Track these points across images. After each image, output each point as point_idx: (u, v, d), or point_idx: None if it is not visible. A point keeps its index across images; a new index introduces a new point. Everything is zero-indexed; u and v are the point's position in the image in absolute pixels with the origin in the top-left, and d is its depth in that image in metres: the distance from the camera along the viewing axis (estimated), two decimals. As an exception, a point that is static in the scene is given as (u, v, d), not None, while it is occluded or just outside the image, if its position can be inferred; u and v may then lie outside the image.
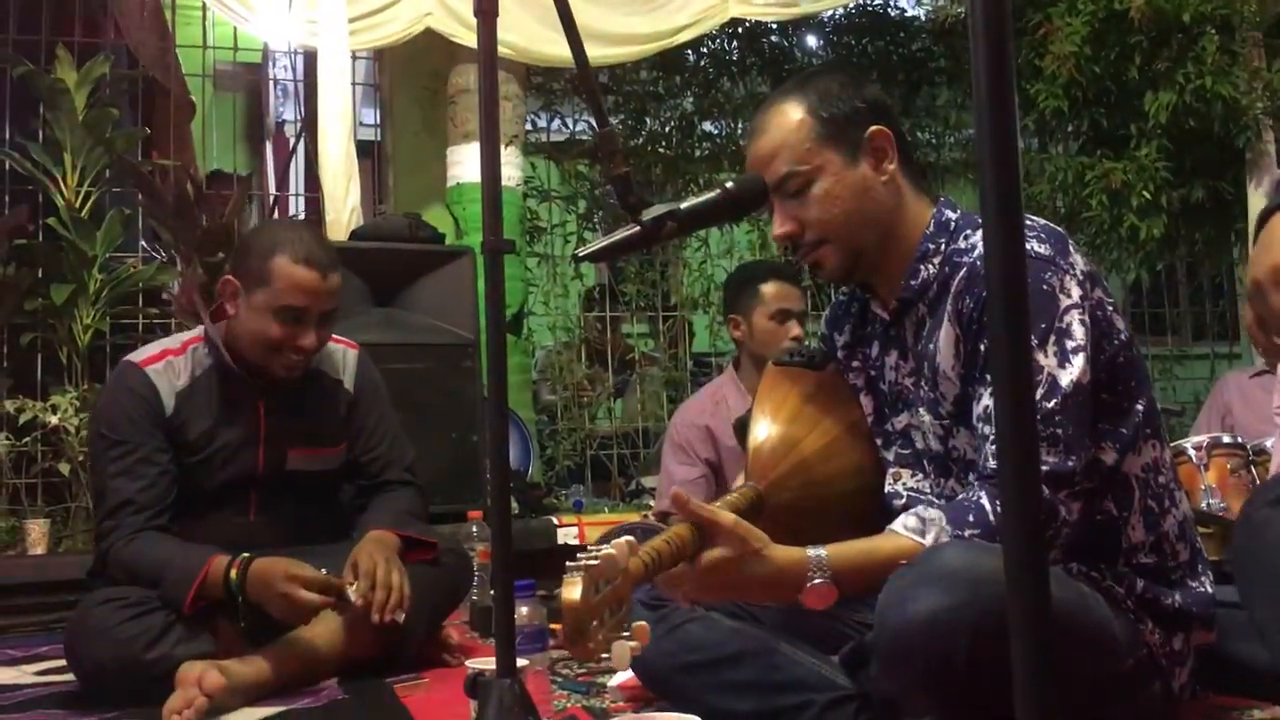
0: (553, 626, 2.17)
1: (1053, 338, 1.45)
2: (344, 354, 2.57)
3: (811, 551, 1.42)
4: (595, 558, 1.18)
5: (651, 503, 4.16)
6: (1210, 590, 1.58)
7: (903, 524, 1.47)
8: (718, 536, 1.39)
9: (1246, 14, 4.85)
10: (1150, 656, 1.49)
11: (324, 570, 2.18)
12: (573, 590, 1.16)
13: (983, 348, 1.50)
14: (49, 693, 2.30)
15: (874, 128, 1.61)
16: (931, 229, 1.62)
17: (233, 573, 2.14)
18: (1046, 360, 1.44)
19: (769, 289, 3.16)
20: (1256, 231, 1.22)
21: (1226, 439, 2.83)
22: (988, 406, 1.48)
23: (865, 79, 1.75)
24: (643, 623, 1.21)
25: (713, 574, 1.38)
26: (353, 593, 2.17)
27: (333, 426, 2.51)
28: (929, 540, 1.44)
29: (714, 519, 1.39)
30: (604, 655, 1.19)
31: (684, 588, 1.42)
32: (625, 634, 1.21)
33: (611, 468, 5.12)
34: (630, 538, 1.26)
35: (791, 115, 1.62)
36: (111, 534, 2.24)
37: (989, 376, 1.48)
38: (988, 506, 1.43)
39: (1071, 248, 1.53)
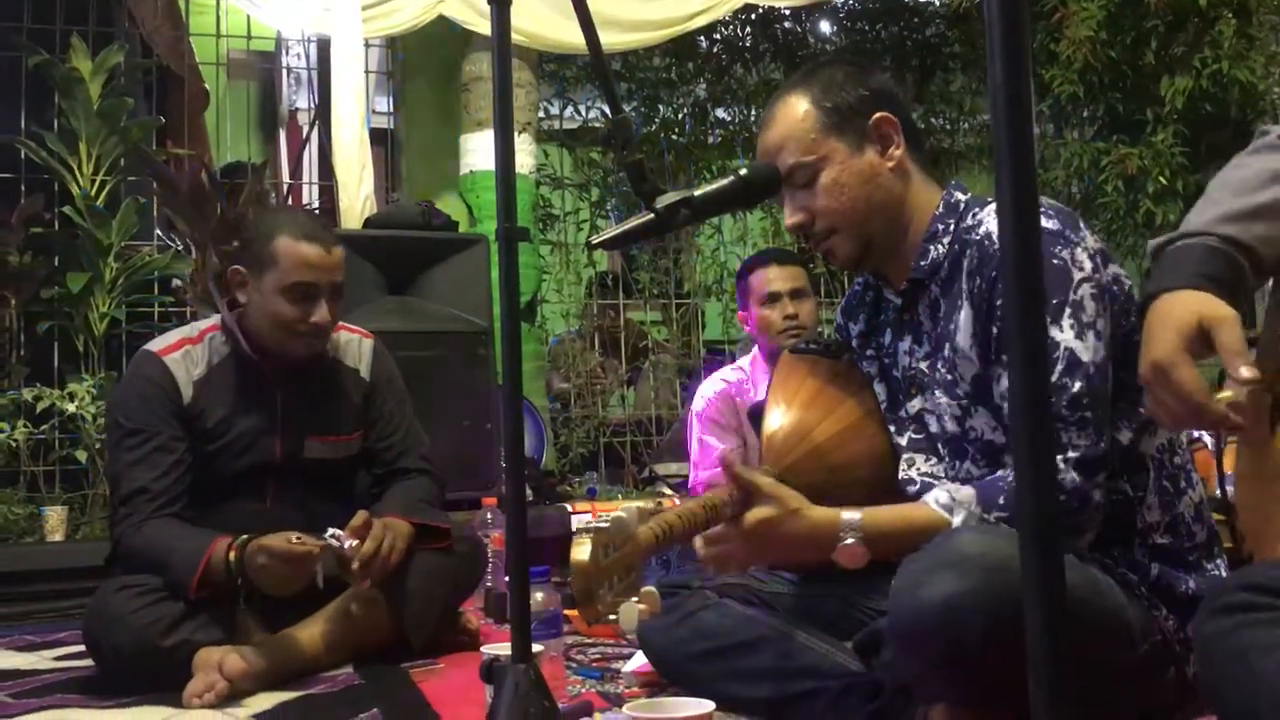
0: (567, 613, 2.18)
1: (1068, 310, 1.45)
2: (360, 343, 2.59)
3: (846, 514, 1.50)
4: (605, 521, 1.20)
5: (666, 490, 4.17)
6: (1224, 579, 1.57)
7: (935, 498, 1.51)
8: (760, 497, 1.49)
9: (1264, -2, 4.81)
10: (1164, 643, 1.49)
11: (330, 530, 2.19)
12: (581, 551, 1.18)
13: (995, 330, 1.50)
14: (68, 678, 2.31)
15: (878, 115, 1.62)
16: (941, 210, 1.63)
17: (231, 555, 2.14)
18: (1064, 335, 1.44)
19: (756, 277, 3.19)
20: (1140, 312, 1.26)
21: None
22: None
23: (872, 67, 1.75)
24: (652, 589, 1.23)
25: (755, 532, 1.49)
26: (344, 544, 2.16)
27: (349, 414, 2.53)
28: (957, 520, 1.46)
29: (755, 480, 1.50)
30: (612, 617, 1.21)
31: (727, 548, 1.51)
32: (634, 599, 1.23)
33: (625, 455, 5.12)
34: (641, 503, 1.29)
35: (797, 107, 1.64)
36: (124, 521, 2.26)
37: (1005, 356, 1.49)
38: None
39: (1082, 225, 1.53)
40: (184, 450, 2.33)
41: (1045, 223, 1.50)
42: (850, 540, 1.48)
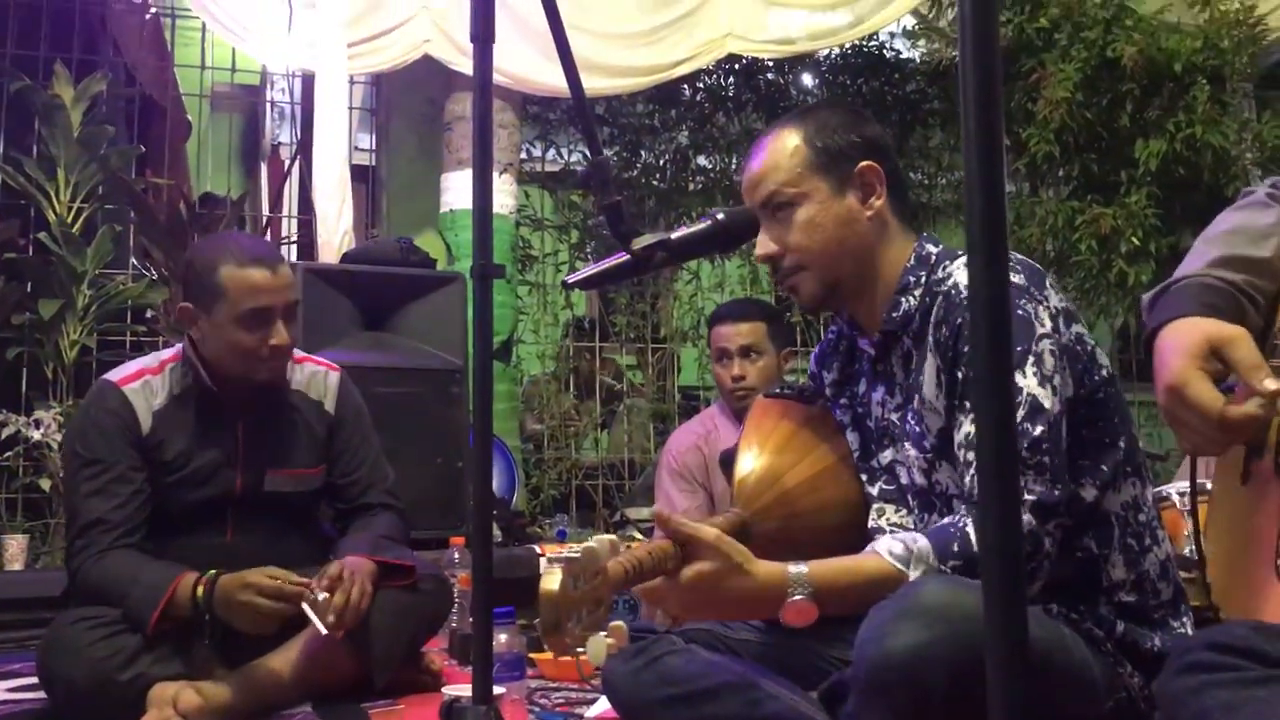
0: (532, 656, 2.16)
1: (1031, 359, 1.46)
2: (326, 376, 2.55)
3: (793, 568, 1.43)
4: (575, 551, 1.19)
5: (636, 534, 4.14)
6: (1191, 634, 1.57)
7: (888, 549, 1.46)
8: (701, 551, 1.41)
9: (1237, 65, 4.91)
10: (1129, 700, 1.48)
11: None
12: (551, 581, 1.16)
13: (960, 375, 1.51)
14: (20, 710, 2.27)
15: (865, 163, 1.63)
16: (912, 262, 1.64)
17: (199, 590, 2.11)
18: (1026, 381, 1.45)
19: (713, 332, 3.21)
20: (1146, 349, 1.26)
21: (1210, 485, 2.79)
22: (969, 434, 1.49)
23: (867, 116, 1.77)
24: (620, 623, 1.22)
25: (695, 588, 1.40)
26: (317, 595, 2.14)
27: (312, 448, 2.49)
28: (914, 574, 1.43)
29: (696, 534, 1.41)
30: (580, 650, 1.20)
31: (665, 603, 1.43)
32: (603, 632, 1.22)
33: (596, 498, 5.10)
34: (613, 536, 1.27)
35: (788, 141, 1.65)
36: (81, 553, 2.22)
37: (968, 404, 1.48)
38: (972, 536, 1.43)
39: (1047, 283, 1.54)
40: (142, 481, 2.29)
41: (1012, 277, 1.51)
42: (799, 596, 1.42)
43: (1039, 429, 1.43)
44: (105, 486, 2.25)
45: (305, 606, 2.12)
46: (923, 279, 1.62)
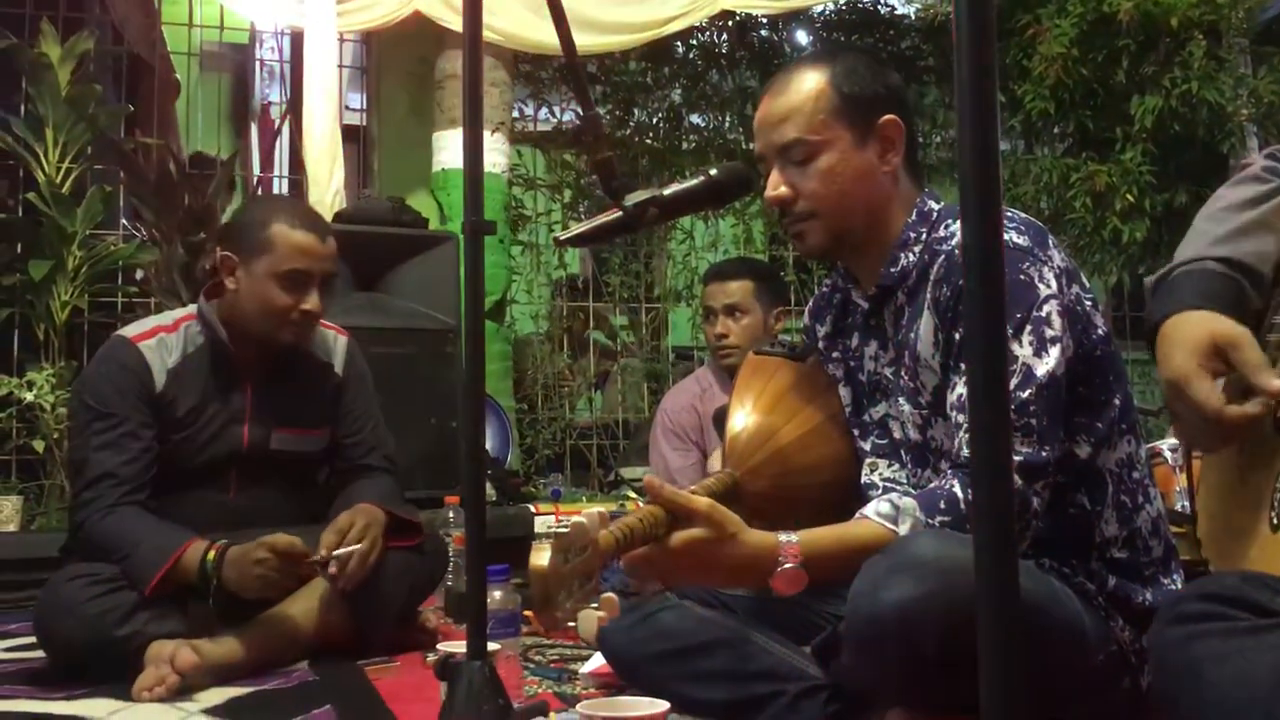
0: (525, 613, 2.17)
1: (1029, 327, 1.45)
2: (334, 339, 2.59)
3: (783, 536, 1.42)
4: (565, 526, 1.20)
5: (630, 494, 4.16)
6: (1181, 589, 1.58)
7: (875, 510, 1.47)
8: (691, 519, 1.39)
9: (1234, 21, 4.87)
10: (1120, 653, 1.50)
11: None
12: (540, 557, 1.17)
13: (958, 336, 1.50)
14: (18, 669, 2.28)
15: (888, 116, 1.60)
16: (914, 218, 1.63)
17: (209, 556, 2.13)
18: (1022, 350, 1.44)
19: (703, 292, 3.27)
20: (1149, 339, 1.28)
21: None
22: (962, 395, 1.48)
23: (890, 66, 1.73)
24: (611, 595, 1.22)
25: (683, 555, 1.38)
26: (324, 552, 2.17)
27: (319, 409, 2.52)
28: (904, 529, 1.43)
29: (688, 504, 1.40)
30: (571, 624, 1.21)
31: (654, 569, 1.41)
32: (594, 605, 1.22)
33: (591, 458, 5.11)
34: (602, 509, 1.27)
35: (813, 82, 1.60)
36: (89, 505, 2.22)
37: (964, 365, 1.48)
38: (959, 494, 1.43)
39: (1051, 242, 1.53)
40: (151, 438, 2.30)
41: (1016, 238, 1.50)
42: (789, 564, 1.40)
43: (1027, 393, 1.43)
44: (116, 440, 2.26)
45: (324, 554, 2.17)
46: (923, 235, 1.61)
